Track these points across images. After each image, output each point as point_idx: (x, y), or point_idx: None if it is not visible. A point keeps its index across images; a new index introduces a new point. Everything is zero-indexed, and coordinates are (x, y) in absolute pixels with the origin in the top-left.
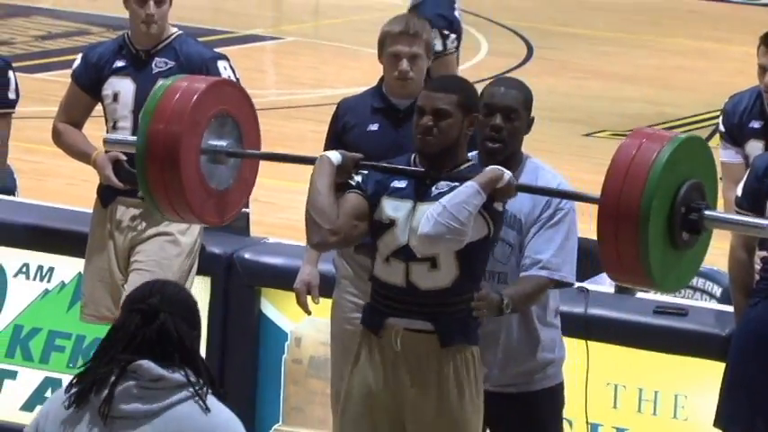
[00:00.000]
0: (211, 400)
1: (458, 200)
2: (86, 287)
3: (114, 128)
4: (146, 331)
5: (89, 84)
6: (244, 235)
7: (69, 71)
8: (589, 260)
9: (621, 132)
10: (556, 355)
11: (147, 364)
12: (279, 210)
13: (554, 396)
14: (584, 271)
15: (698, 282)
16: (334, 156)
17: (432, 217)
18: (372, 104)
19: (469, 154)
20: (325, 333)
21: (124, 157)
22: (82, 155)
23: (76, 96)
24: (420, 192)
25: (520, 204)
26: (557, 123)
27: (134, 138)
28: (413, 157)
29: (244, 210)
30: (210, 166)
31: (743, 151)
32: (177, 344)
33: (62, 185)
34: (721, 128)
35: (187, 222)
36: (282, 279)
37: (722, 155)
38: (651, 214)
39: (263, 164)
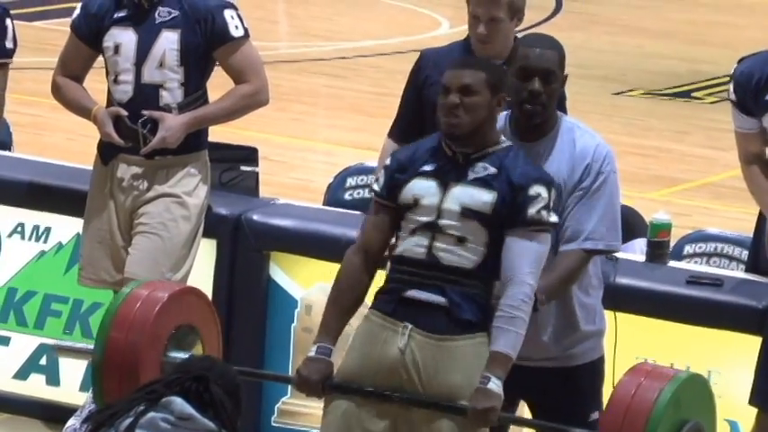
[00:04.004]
0: None
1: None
2: (85, 249)
3: (116, 81)
4: (186, 380)
5: (89, 35)
6: (252, 195)
7: (69, 20)
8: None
9: (654, 91)
10: (596, 327)
11: (179, 400)
12: (290, 169)
13: (594, 371)
14: None
15: (733, 250)
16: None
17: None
18: None
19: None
20: None
21: (125, 113)
22: (82, 110)
23: (76, 48)
24: (452, 172)
25: (557, 167)
26: (586, 81)
27: (90, 346)
28: (442, 139)
29: (253, 168)
30: None
31: (759, 123)
32: (217, 404)
33: (61, 140)
34: (732, 97)
35: None
36: (293, 243)
37: (736, 123)
38: None
39: (270, 117)
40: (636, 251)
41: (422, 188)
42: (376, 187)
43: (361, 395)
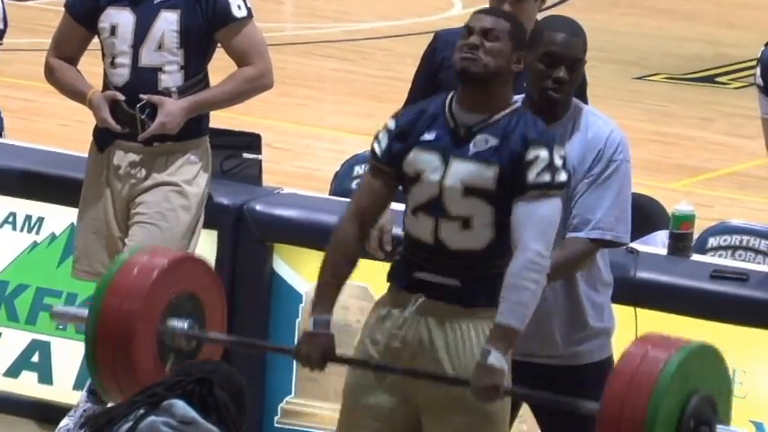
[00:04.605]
0: None
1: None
2: (79, 240)
3: (112, 64)
4: (188, 383)
5: (84, 15)
6: (255, 184)
7: None
8: (639, 218)
9: (676, 76)
10: (604, 325)
11: (181, 404)
12: (294, 157)
13: (601, 371)
14: (634, 230)
15: (760, 243)
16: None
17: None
18: None
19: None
20: (344, 294)
21: (123, 97)
22: (76, 94)
23: (71, 29)
24: (453, 145)
25: (567, 153)
26: (605, 65)
27: (85, 310)
28: (449, 99)
29: (255, 156)
30: (167, 349)
31: None
32: (221, 408)
33: (54, 126)
34: (759, 81)
35: None
36: (297, 234)
37: (762, 110)
38: (657, 427)
39: (274, 102)
40: (657, 244)
41: (423, 161)
42: (377, 149)
43: (364, 367)
